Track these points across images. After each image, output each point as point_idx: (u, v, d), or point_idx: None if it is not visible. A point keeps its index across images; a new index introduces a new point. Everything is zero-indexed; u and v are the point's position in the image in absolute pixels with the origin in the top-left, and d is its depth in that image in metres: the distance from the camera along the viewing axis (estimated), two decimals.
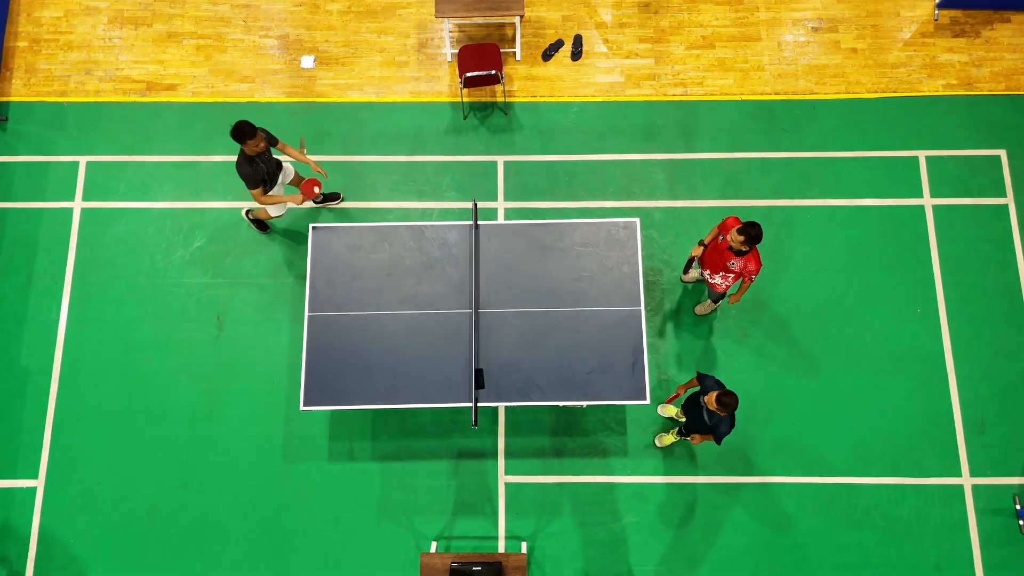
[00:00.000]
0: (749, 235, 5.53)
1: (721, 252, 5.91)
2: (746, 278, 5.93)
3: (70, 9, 7.78)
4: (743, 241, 5.57)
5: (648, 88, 7.56)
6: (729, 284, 6.11)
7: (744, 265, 5.82)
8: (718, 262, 5.99)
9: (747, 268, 5.83)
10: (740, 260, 5.81)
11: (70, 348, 6.91)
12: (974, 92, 7.45)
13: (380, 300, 6.26)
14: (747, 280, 5.96)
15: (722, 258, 5.91)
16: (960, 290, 6.97)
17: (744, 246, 5.65)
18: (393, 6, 7.79)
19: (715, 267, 6.05)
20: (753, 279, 5.94)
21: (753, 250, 5.78)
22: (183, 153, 7.39)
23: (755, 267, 5.80)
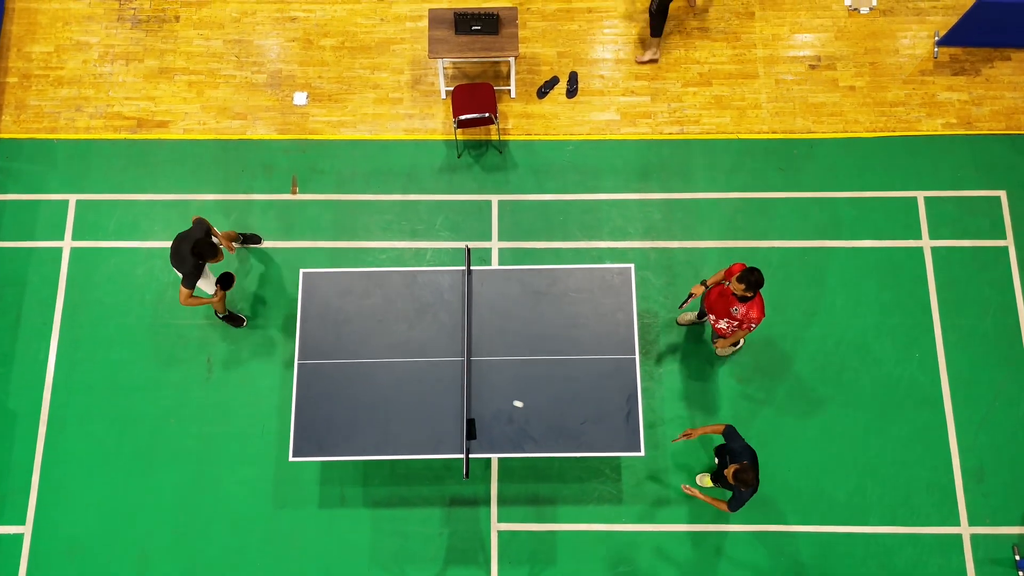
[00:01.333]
0: (748, 281, 5.45)
1: (726, 297, 5.83)
2: (745, 325, 5.85)
3: (60, 44, 7.70)
4: (744, 288, 5.50)
5: (644, 126, 7.48)
6: (734, 330, 6.03)
7: (746, 312, 5.75)
8: (722, 307, 5.91)
9: (748, 315, 5.75)
10: (743, 307, 5.73)
11: (59, 390, 6.83)
12: (974, 131, 7.37)
13: (371, 347, 6.18)
14: (746, 328, 5.88)
15: (727, 304, 5.84)
16: (959, 334, 6.89)
17: (746, 292, 5.58)
18: (387, 42, 7.72)
19: (719, 312, 5.98)
20: (753, 328, 5.86)
21: (757, 297, 5.70)
22: (174, 192, 7.31)
23: (757, 316, 5.72)
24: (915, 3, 7.70)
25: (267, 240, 7.16)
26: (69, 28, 7.74)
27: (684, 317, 6.84)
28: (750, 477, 5.25)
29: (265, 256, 7.14)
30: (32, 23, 7.75)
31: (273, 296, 7.04)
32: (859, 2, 7.70)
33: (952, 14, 7.65)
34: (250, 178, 7.36)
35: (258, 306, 7.01)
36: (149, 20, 7.75)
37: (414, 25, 7.74)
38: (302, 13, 7.79)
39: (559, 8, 7.77)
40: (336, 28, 7.75)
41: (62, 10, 7.79)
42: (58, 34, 7.72)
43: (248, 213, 7.25)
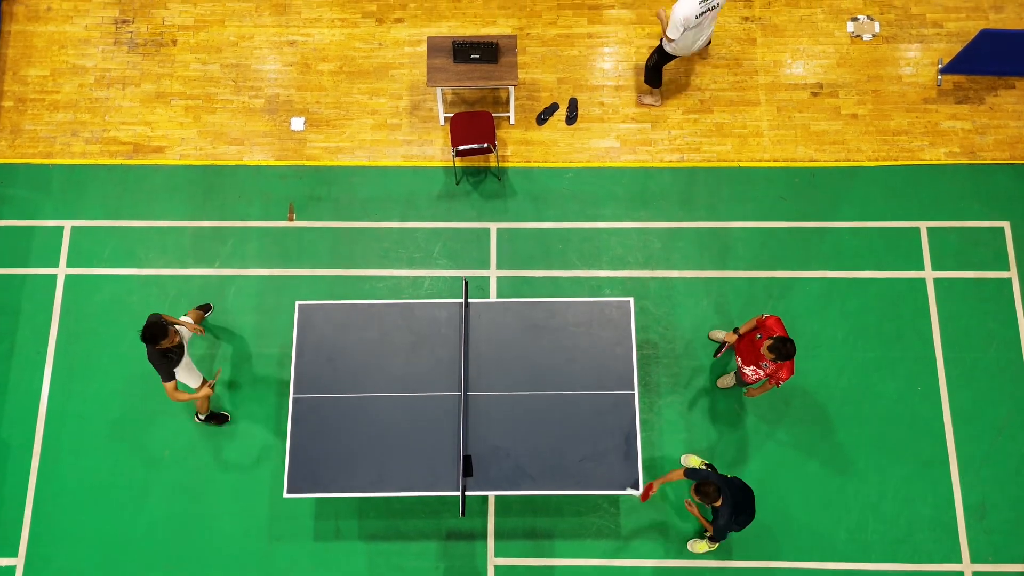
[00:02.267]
0: (780, 352, 5.38)
1: (756, 348, 5.76)
2: (773, 381, 5.77)
3: (56, 68, 7.64)
4: (773, 358, 5.43)
5: (644, 154, 7.41)
6: (759, 378, 5.95)
7: (776, 371, 5.67)
8: (752, 356, 5.84)
9: (778, 374, 5.67)
10: (772, 365, 5.66)
11: (52, 420, 6.77)
12: (977, 161, 7.29)
13: (367, 381, 6.11)
14: (773, 384, 5.80)
15: (757, 355, 5.77)
16: (962, 367, 6.81)
17: (773, 361, 5.51)
18: (385, 67, 7.65)
19: (748, 359, 5.91)
20: (780, 385, 5.78)
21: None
22: (170, 218, 7.25)
23: (786, 375, 5.64)
24: (918, 30, 7.63)
25: (265, 268, 7.10)
26: (65, 51, 7.68)
27: (724, 381, 6.71)
28: (710, 490, 5.30)
29: (261, 284, 7.07)
30: (28, 46, 7.69)
31: (269, 324, 6.97)
32: (862, 29, 7.63)
33: (956, 41, 7.58)
34: (246, 205, 7.30)
35: (254, 334, 6.94)
36: (146, 44, 7.69)
37: (413, 50, 7.68)
38: (300, 37, 7.73)
39: (559, 34, 7.70)
40: (334, 53, 7.69)
41: (58, 33, 7.73)
42: (54, 57, 7.66)
43: (244, 240, 7.19)
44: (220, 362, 6.84)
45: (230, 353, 6.88)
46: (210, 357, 6.87)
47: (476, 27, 7.70)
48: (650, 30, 7.72)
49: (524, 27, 7.71)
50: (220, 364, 6.85)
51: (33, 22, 7.76)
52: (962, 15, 7.64)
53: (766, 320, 5.71)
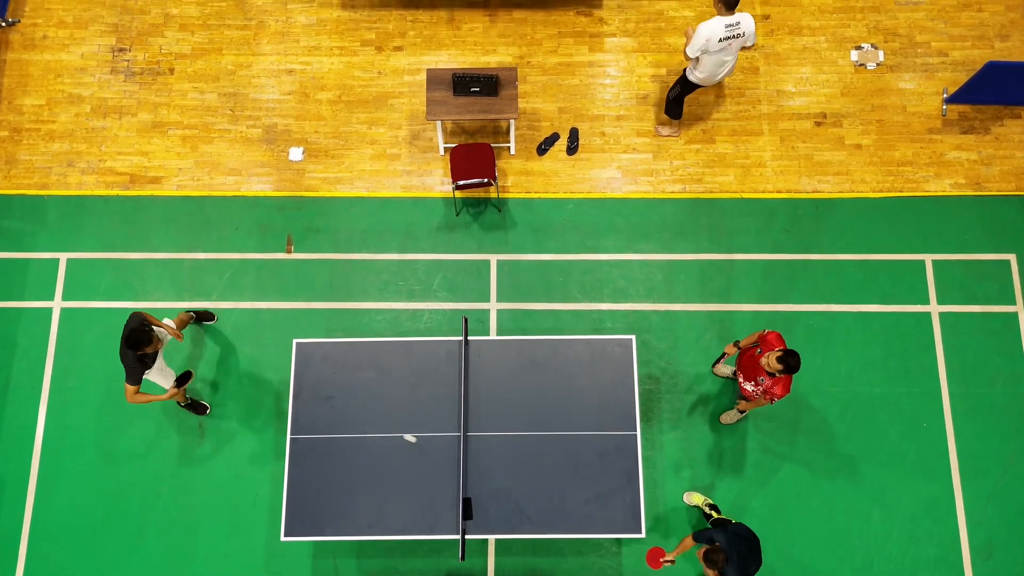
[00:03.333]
0: (787, 364, 5.30)
1: (756, 363, 5.69)
2: (768, 397, 5.71)
3: (52, 97, 7.57)
4: (781, 370, 5.35)
5: (646, 184, 7.33)
6: (757, 395, 5.89)
7: (771, 386, 5.59)
8: (752, 371, 5.78)
9: (773, 390, 5.59)
10: (769, 380, 5.59)
11: (47, 456, 6.69)
12: (983, 192, 7.21)
13: (365, 422, 6.04)
14: (767, 400, 5.73)
15: (756, 370, 5.71)
16: (967, 403, 6.73)
17: (780, 373, 5.45)
18: (385, 96, 7.58)
19: (748, 374, 5.84)
20: (775, 402, 5.72)
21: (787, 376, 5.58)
22: (166, 250, 7.17)
23: (781, 392, 5.57)
24: (923, 59, 7.56)
25: (262, 301, 7.03)
26: (61, 80, 7.61)
27: (721, 370, 6.69)
28: (719, 559, 5.10)
29: (259, 317, 6.99)
30: (24, 75, 7.62)
31: (266, 359, 6.89)
32: (866, 57, 7.56)
33: (961, 70, 7.50)
34: (244, 236, 7.22)
35: (251, 369, 6.87)
36: (143, 72, 7.62)
37: (412, 79, 7.61)
38: (298, 66, 7.65)
39: (560, 62, 7.63)
40: (333, 81, 7.62)
41: (54, 62, 7.66)
42: (50, 86, 7.59)
43: (242, 273, 7.11)
44: (217, 398, 6.77)
45: (227, 388, 6.80)
46: (209, 390, 6.80)
47: (476, 55, 7.63)
48: (652, 58, 7.65)
49: (525, 55, 7.64)
50: (215, 403, 6.77)
51: (29, 50, 7.69)
52: (967, 43, 7.57)
53: (767, 335, 5.64)
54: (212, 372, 6.84)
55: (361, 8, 7.80)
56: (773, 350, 5.36)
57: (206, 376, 6.83)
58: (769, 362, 5.33)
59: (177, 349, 6.87)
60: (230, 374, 6.84)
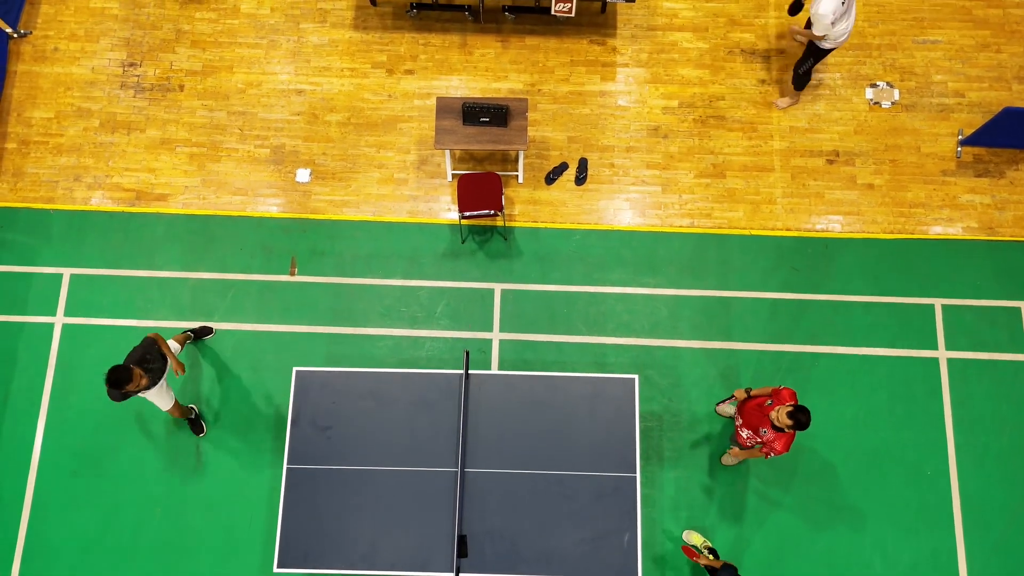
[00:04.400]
0: (798, 421, 5.20)
1: (762, 414, 5.60)
2: (766, 450, 5.60)
3: (61, 110, 7.55)
4: (790, 425, 5.25)
5: (654, 217, 7.27)
6: (751, 444, 5.80)
7: (772, 440, 5.50)
8: (755, 421, 5.67)
9: (773, 445, 5.49)
10: (772, 434, 5.50)
11: (44, 474, 6.66)
12: (995, 237, 7.12)
13: (362, 454, 5.98)
14: (764, 453, 5.64)
15: (760, 421, 5.61)
16: (973, 451, 6.64)
17: (788, 428, 5.35)
18: (394, 120, 7.53)
19: (749, 422, 5.74)
20: (770, 457, 5.62)
21: (791, 432, 5.48)
22: (169, 268, 7.14)
23: (781, 448, 5.47)
24: (939, 99, 7.47)
25: (264, 323, 6.99)
26: (71, 93, 7.59)
27: (724, 409, 6.60)
28: None
29: (260, 340, 6.95)
30: (33, 87, 7.61)
31: (266, 383, 6.84)
32: (881, 96, 7.47)
33: (977, 111, 7.41)
34: (248, 257, 7.19)
35: (251, 393, 6.83)
36: (153, 88, 7.60)
37: (422, 103, 7.56)
38: (308, 86, 7.62)
39: (571, 91, 7.57)
40: (342, 103, 7.58)
41: (64, 75, 7.64)
42: (59, 99, 7.58)
43: (245, 294, 7.08)
44: (215, 420, 6.73)
45: (226, 411, 6.76)
46: (208, 412, 6.76)
47: (487, 81, 7.58)
48: (664, 90, 7.58)
49: (536, 83, 7.58)
50: (214, 425, 6.74)
51: (40, 63, 7.68)
52: (984, 84, 7.48)
53: (782, 391, 5.54)
54: (211, 394, 6.80)
55: (373, 30, 7.76)
56: (784, 405, 5.27)
57: (205, 398, 6.79)
58: (779, 416, 5.25)
59: None
60: (229, 397, 6.80)
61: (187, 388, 6.81)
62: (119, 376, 5.53)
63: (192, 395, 6.77)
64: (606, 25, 7.74)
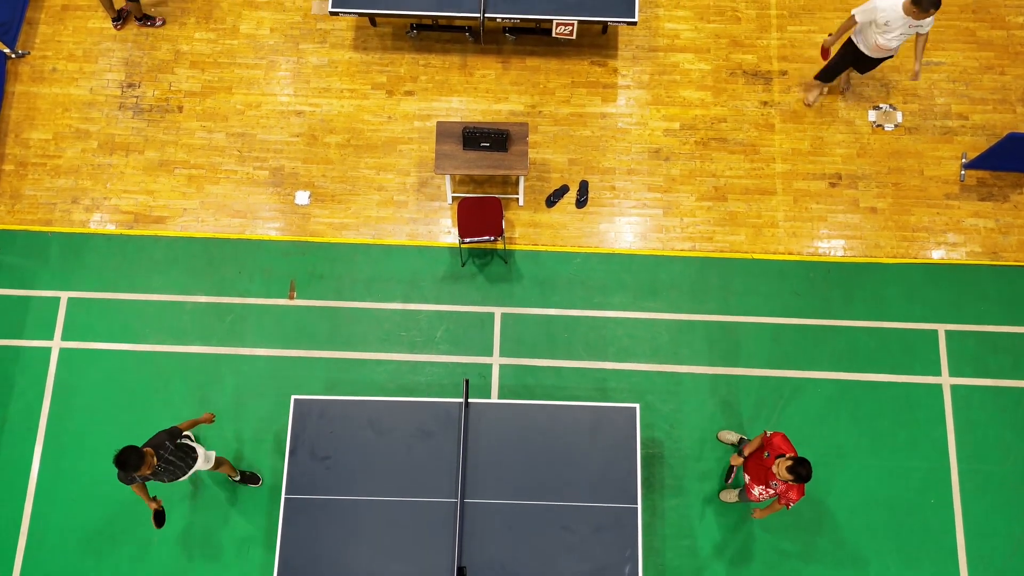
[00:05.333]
0: (799, 475, 5.12)
1: (765, 467, 5.53)
2: (783, 502, 5.50)
3: (59, 131, 7.51)
4: (793, 479, 5.18)
5: (655, 241, 7.22)
6: (768, 497, 5.73)
7: (786, 491, 5.41)
8: (761, 475, 5.59)
9: (788, 495, 5.40)
10: (783, 484, 5.39)
11: (40, 501, 6.61)
12: (1000, 262, 7.06)
13: (361, 484, 5.93)
14: (782, 505, 5.56)
15: (766, 474, 5.53)
16: (977, 480, 6.58)
17: (792, 482, 5.27)
18: (394, 141, 7.49)
19: (758, 478, 5.66)
20: (790, 507, 5.53)
21: None
22: (168, 292, 7.09)
23: (796, 496, 5.37)
24: (942, 121, 7.41)
25: (262, 348, 6.94)
26: (69, 115, 7.55)
27: (727, 496, 6.48)
28: None
29: (258, 365, 6.91)
30: (32, 108, 7.57)
31: (265, 408, 6.79)
32: (884, 118, 7.42)
33: (981, 134, 7.36)
34: (247, 280, 7.14)
35: (249, 419, 6.77)
36: (151, 109, 7.55)
37: (422, 124, 7.51)
38: (308, 107, 7.57)
39: (572, 112, 7.52)
40: (342, 125, 7.53)
41: (63, 95, 7.60)
42: (57, 121, 7.53)
43: (243, 318, 7.03)
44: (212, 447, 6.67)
45: (223, 438, 6.71)
46: (205, 438, 6.71)
47: (488, 103, 7.53)
48: (665, 112, 7.53)
49: (536, 105, 7.53)
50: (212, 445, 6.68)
51: (38, 83, 7.64)
52: (988, 107, 7.42)
53: (772, 438, 5.49)
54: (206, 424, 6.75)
55: (373, 51, 7.72)
56: (782, 456, 5.20)
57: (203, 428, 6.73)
58: (779, 471, 5.18)
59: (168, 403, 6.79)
60: (227, 423, 6.75)
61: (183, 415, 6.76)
62: (124, 461, 5.07)
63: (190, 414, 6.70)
64: (607, 46, 7.70)
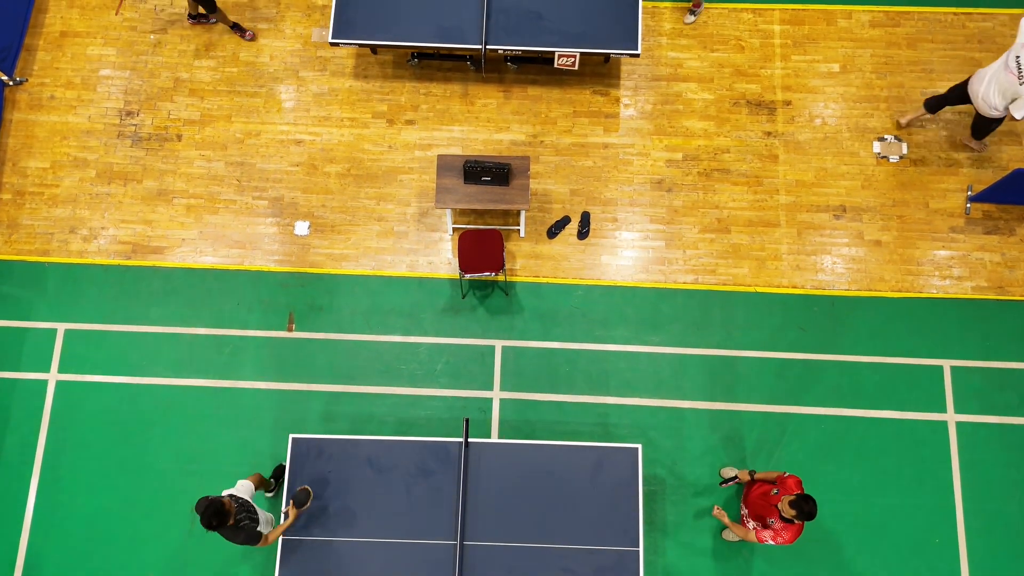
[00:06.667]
0: (801, 511, 5.04)
1: (767, 504, 5.45)
2: (771, 539, 5.37)
3: (57, 160, 7.45)
4: (794, 515, 5.10)
5: (657, 273, 7.15)
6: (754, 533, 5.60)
7: (780, 530, 5.32)
8: (760, 511, 5.52)
9: (781, 535, 5.31)
10: (780, 524, 5.31)
11: (36, 535, 6.55)
12: (1006, 297, 6.99)
13: (359, 525, 5.86)
14: (756, 534, 5.47)
15: (766, 511, 5.45)
16: (982, 519, 6.50)
17: (794, 519, 5.18)
18: (394, 171, 7.43)
19: (754, 513, 5.59)
20: (766, 542, 5.43)
21: (800, 524, 5.29)
22: (166, 324, 7.03)
23: (789, 539, 5.29)
24: (948, 153, 7.34)
25: (260, 381, 6.88)
26: (67, 143, 7.49)
27: (729, 535, 6.42)
28: None
29: (256, 398, 6.84)
30: (29, 136, 7.51)
31: (263, 442, 6.72)
32: (889, 149, 7.36)
33: (987, 166, 7.29)
34: (246, 312, 7.08)
35: (245, 455, 6.70)
36: (150, 138, 7.50)
37: (423, 154, 7.45)
38: (308, 136, 7.51)
39: (574, 142, 7.46)
40: (342, 154, 7.47)
41: (61, 123, 7.55)
42: (55, 149, 7.48)
43: (242, 350, 6.96)
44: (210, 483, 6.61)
45: (219, 473, 6.64)
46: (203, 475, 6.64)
47: (489, 132, 7.47)
48: (668, 142, 7.46)
49: (538, 134, 7.47)
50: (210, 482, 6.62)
51: (36, 111, 7.59)
52: (994, 138, 7.35)
53: (787, 479, 5.39)
54: (205, 455, 6.68)
55: (374, 79, 7.66)
56: (791, 494, 5.13)
57: (199, 459, 6.67)
58: (783, 506, 5.11)
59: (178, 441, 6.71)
60: (224, 458, 6.67)
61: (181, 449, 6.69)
62: (210, 516, 4.97)
63: (187, 451, 6.66)
64: (609, 75, 7.64)
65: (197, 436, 6.74)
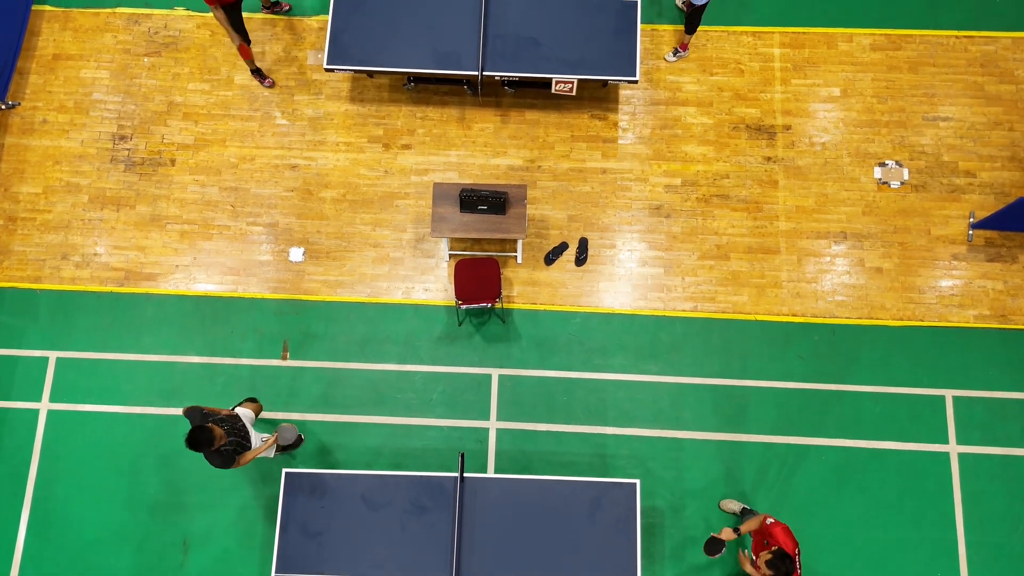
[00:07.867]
0: (778, 570, 4.98)
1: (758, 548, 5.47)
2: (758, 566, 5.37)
3: (50, 185, 7.37)
4: (769, 575, 5.04)
5: (656, 301, 7.07)
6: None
7: None
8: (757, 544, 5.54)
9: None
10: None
11: (27, 568, 6.46)
12: (1008, 325, 6.91)
13: (353, 562, 5.78)
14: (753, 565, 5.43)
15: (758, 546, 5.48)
16: (984, 551, 6.42)
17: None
18: (390, 196, 7.35)
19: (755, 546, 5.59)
20: None
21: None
22: (159, 352, 6.95)
23: None
24: (950, 179, 7.27)
25: None
26: (60, 168, 7.41)
27: (728, 505, 6.42)
28: None
29: None
30: (22, 161, 7.43)
31: (256, 476, 6.64)
32: (890, 175, 7.28)
33: (989, 192, 7.21)
34: (239, 340, 6.99)
35: (239, 486, 6.62)
36: (143, 163, 7.42)
37: (419, 179, 7.37)
38: (303, 161, 7.43)
39: (571, 168, 7.38)
40: (337, 179, 7.39)
41: (53, 148, 7.46)
42: (48, 174, 7.40)
43: (236, 379, 6.88)
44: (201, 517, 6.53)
45: (211, 506, 6.56)
46: (194, 509, 6.56)
47: (486, 156, 7.39)
48: (666, 167, 7.38)
49: (536, 159, 7.39)
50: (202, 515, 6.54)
51: (28, 135, 7.50)
52: (997, 164, 7.28)
53: (773, 528, 5.31)
54: (196, 489, 6.60)
55: (370, 103, 7.58)
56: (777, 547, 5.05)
57: (190, 492, 6.58)
58: (760, 563, 5.05)
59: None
60: (217, 488, 6.59)
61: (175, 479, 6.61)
62: (197, 439, 5.10)
63: (180, 481, 6.58)
64: (607, 99, 7.56)
65: (190, 467, 6.66)
